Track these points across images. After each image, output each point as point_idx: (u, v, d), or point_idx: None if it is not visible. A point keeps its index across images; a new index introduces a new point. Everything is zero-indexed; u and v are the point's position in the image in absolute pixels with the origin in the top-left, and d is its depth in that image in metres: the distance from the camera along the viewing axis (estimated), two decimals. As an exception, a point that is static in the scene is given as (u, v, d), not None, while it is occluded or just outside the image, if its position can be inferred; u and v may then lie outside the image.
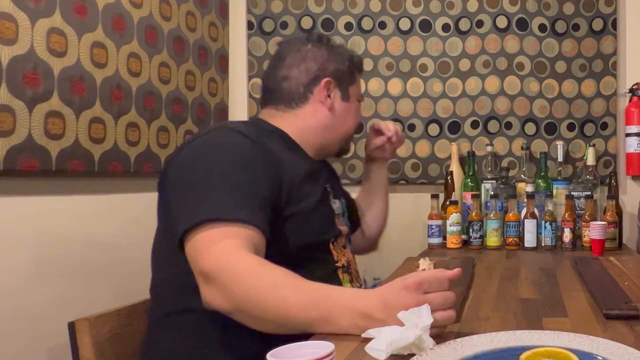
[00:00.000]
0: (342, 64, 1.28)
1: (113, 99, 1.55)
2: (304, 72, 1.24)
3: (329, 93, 1.25)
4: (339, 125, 1.28)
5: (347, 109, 1.29)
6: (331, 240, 1.20)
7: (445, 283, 0.81)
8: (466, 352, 0.71)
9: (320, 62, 1.25)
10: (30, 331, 1.32)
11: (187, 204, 0.98)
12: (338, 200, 1.30)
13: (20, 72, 1.26)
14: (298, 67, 1.24)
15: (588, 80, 2.17)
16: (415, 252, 1.97)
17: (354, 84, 1.32)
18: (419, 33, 2.20)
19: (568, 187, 1.98)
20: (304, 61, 1.24)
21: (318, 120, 1.25)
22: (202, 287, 0.92)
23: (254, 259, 0.91)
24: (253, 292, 0.86)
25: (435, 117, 2.20)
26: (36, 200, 1.36)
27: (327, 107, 1.25)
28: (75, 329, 1.02)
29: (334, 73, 1.26)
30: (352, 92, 1.30)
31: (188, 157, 1.05)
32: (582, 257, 1.55)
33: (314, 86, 1.24)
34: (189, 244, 0.94)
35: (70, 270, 1.44)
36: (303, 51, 1.25)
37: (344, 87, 1.28)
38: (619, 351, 0.70)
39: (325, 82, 1.24)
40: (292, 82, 1.23)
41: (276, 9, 2.22)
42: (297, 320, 0.84)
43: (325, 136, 1.26)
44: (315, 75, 1.24)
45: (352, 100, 1.31)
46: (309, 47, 1.26)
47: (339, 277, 1.20)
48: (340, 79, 1.27)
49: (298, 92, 1.23)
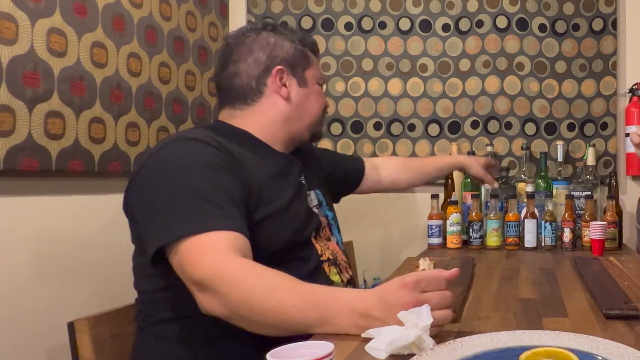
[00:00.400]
0: (292, 49, 1.20)
1: (113, 99, 1.55)
2: (253, 65, 1.17)
3: (284, 82, 1.19)
4: (302, 113, 1.22)
5: (306, 94, 1.22)
6: (313, 235, 1.18)
7: (443, 282, 0.81)
8: (466, 352, 0.71)
9: (268, 50, 1.18)
10: (30, 331, 1.32)
11: (160, 224, 0.95)
12: (313, 191, 1.26)
13: (20, 72, 1.26)
14: (246, 61, 1.17)
15: (588, 80, 2.17)
16: (415, 252, 1.97)
17: (310, 67, 1.24)
18: (419, 33, 2.20)
19: (568, 187, 1.98)
20: (251, 53, 1.18)
21: (278, 113, 1.19)
22: (197, 295, 0.91)
23: (246, 263, 0.90)
24: (249, 298, 0.86)
25: (435, 117, 2.20)
26: (36, 200, 1.36)
27: (283, 97, 1.19)
28: (75, 329, 1.02)
29: (284, 60, 1.19)
30: (309, 76, 1.23)
31: (150, 177, 1.01)
32: (582, 257, 1.55)
33: (266, 77, 1.18)
34: (174, 257, 0.93)
35: (70, 270, 1.44)
36: (248, 43, 1.18)
37: (298, 73, 1.21)
38: (619, 351, 0.70)
39: (277, 71, 1.18)
40: (243, 77, 1.17)
41: (276, 9, 2.22)
42: (296, 323, 0.84)
43: (289, 128, 1.21)
44: (266, 66, 1.17)
45: (311, 85, 1.24)
46: (254, 37, 1.19)
47: (326, 271, 1.16)
48: (293, 64, 1.20)
49: (251, 86, 1.17)
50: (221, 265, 0.88)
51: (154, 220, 0.97)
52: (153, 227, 0.97)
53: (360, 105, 2.21)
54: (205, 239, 0.91)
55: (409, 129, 2.21)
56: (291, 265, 1.04)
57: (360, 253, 2.07)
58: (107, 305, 1.14)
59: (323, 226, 1.23)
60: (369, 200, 2.20)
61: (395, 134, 2.21)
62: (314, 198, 1.25)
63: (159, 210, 0.96)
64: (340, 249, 1.28)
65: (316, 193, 1.28)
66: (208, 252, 0.90)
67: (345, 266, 1.25)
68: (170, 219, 0.94)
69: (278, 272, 0.89)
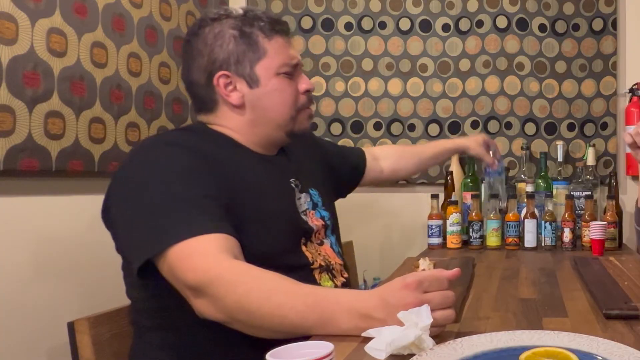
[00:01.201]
0: (233, 43, 1.06)
1: (113, 99, 1.55)
2: (197, 73, 1.08)
3: (233, 86, 1.07)
4: (263, 116, 1.10)
5: (261, 95, 1.08)
6: (302, 242, 1.12)
7: (444, 282, 0.81)
8: (466, 352, 0.71)
9: (207, 53, 1.06)
10: (30, 331, 1.32)
11: (144, 235, 0.92)
12: (306, 192, 1.19)
13: (20, 72, 1.26)
14: (192, 69, 1.09)
15: (588, 80, 2.17)
16: (415, 252, 1.97)
17: (262, 58, 1.07)
18: (419, 33, 2.20)
19: (568, 187, 1.98)
20: (195, 58, 1.07)
21: (240, 120, 1.09)
22: (193, 301, 0.89)
23: (240, 265, 0.88)
24: (246, 302, 0.84)
25: (435, 117, 2.20)
26: (36, 200, 1.36)
27: (236, 105, 1.07)
28: (75, 329, 1.02)
29: (226, 61, 1.06)
30: (261, 71, 1.07)
31: (126, 188, 0.97)
32: (582, 257, 1.55)
33: (212, 85, 1.07)
34: (164, 266, 0.90)
35: (69, 270, 1.44)
36: (188, 48, 1.09)
37: (246, 71, 1.07)
38: (619, 351, 0.70)
39: (219, 78, 1.06)
40: (195, 87, 1.09)
41: (276, 9, 2.22)
42: (295, 326, 0.83)
43: (256, 132, 1.11)
44: (208, 73, 1.06)
45: (266, 81, 1.08)
46: (195, 38, 1.08)
47: (316, 279, 1.11)
48: (237, 62, 1.06)
49: (203, 97, 1.09)
50: (215, 269, 0.86)
51: (137, 232, 0.93)
52: (137, 239, 0.93)
53: (360, 105, 2.21)
54: (194, 244, 0.88)
55: (409, 129, 2.21)
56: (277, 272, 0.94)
57: (360, 253, 2.07)
58: (107, 305, 1.14)
59: (316, 231, 1.17)
60: (369, 200, 2.20)
61: (395, 134, 2.21)
62: (304, 202, 1.18)
63: (141, 222, 0.93)
64: (334, 251, 1.22)
65: (311, 194, 1.21)
66: (199, 256, 0.87)
67: (340, 269, 1.21)
68: (154, 229, 0.91)
69: (274, 274, 0.88)
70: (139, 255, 0.92)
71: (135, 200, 0.95)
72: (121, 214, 0.97)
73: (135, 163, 0.99)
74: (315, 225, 1.17)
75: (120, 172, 1.00)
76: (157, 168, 0.96)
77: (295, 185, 1.17)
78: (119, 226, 0.98)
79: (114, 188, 1.00)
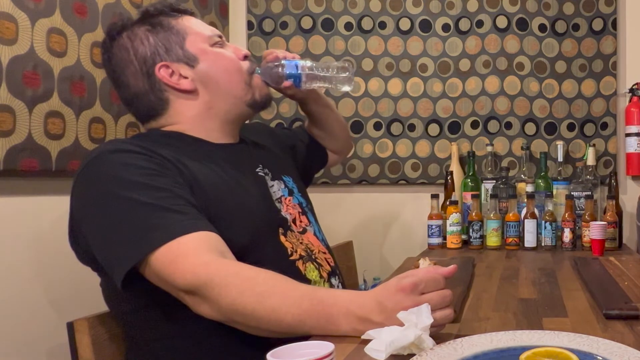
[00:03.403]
0: (151, 36, 1.05)
1: (113, 99, 1.55)
2: (135, 80, 1.05)
3: (178, 73, 1.05)
4: (216, 90, 1.07)
5: (205, 69, 1.06)
6: (280, 232, 1.07)
7: (441, 282, 0.80)
8: (466, 352, 0.71)
9: (133, 57, 1.04)
10: (30, 331, 1.32)
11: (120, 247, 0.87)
12: (278, 180, 1.15)
13: (20, 72, 1.26)
14: (128, 83, 1.06)
15: (588, 80, 2.17)
16: (415, 252, 1.98)
17: (187, 37, 1.06)
18: (419, 33, 2.20)
19: (568, 187, 1.98)
20: (124, 70, 1.05)
21: (196, 106, 1.06)
22: (187, 300, 0.87)
23: (229, 267, 0.86)
24: (240, 305, 0.83)
25: (435, 117, 2.20)
26: (36, 200, 1.36)
27: (188, 89, 1.05)
28: (74, 329, 1.01)
29: (156, 53, 1.04)
30: (192, 48, 1.06)
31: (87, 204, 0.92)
32: (582, 257, 1.55)
33: (156, 83, 1.05)
34: (150, 273, 0.88)
35: (69, 270, 1.44)
36: (115, 59, 1.06)
37: (179, 54, 1.05)
38: (619, 351, 0.70)
39: (160, 69, 1.04)
40: (140, 97, 1.06)
41: (276, 9, 2.22)
42: (292, 328, 0.82)
43: (217, 113, 1.08)
44: (146, 73, 1.04)
45: (202, 54, 1.06)
46: (115, 52, 1.06)
47: (300, 270, 1.06)
48: (167, 51, 1.04)
49: (151, 102, 1.06)
50: (204, 272, 0.84)
51: (112, 246, 0.89)
52: (114, 252, 0.89)
53: (360, 105, 2.21)
54: (175, 246, 0.85)
55: (409, 129, 2.21)
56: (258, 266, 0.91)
57: (360, 253, 2.07)
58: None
59: (293, 218, 1.12)
60: (369, 200, 2.20)
61: (395, 134, 2.21)
62: (278, 189, 1.14)
63: (115, 235, 0.88)
64: (318, 239, 1.17)
65: (284, 180, 1.17)
66: (184, 258, 0.85)
67: (325, 257, 1.15)
68: (129, 239, 0.87)
69: (267, 273, 0.86)
70: (119, 266, 0.87)
71: (103, 214, 0.90)
72: (92, 230, 0.92)
73: (90, 175, 0.93)
74: (289, 214, 1.12)
75: (76, 187, 0.95)
76: (115, 177, 0.91)
77: (264, 173, 1.13)
78: (91, 243, 0.92)
79: (74, 205, 0.95)
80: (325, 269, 1.13)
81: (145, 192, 0.90)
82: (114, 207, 0.89)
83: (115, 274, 0.88)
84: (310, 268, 1.08)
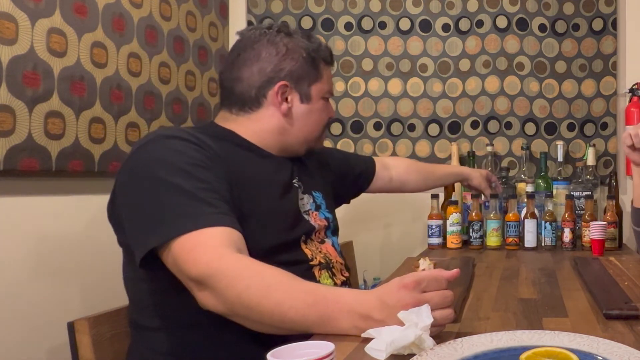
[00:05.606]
0: (301, 62, 1.14)
1: (113, 99, 1.55)
2: (257, 74, 1.13)
3: (285, 97, 1.14)
4: (299, 129, 1.18)
5: (307, 111, 1.17)
6: (302, 239, 1.14)
7: (443, 282, 0.81)
8: (466, 352, 0.71)
9: (275, 61, 1.13)
10: (30, 331, 1.32)
11: (149, 226, 0.93)
12: (308, 194, 1.22)
13: (20, 72, 1.26)
14: (251, 68, 1.13)
15: (588, 80, 2.17)
16: (415, 252, 1.98)
17: (318, 81, 1.18)
18: (419, 33, 2.20)
19: (568, 187, 1.98)
20: (258, 61, 1.13)
21: (275, 124, 1.15)
22: (196, 293, 0.90)
23: (242, 260, 0.89)
24: (245, 297, 0.85)
25: (435, 117, 2.20)
26: (36, 200, 1.36)
27: (282, 113, 1.14)
28: (75, 329, 1.02)
29: (290, 74, 1.14)
30: (314, 92, 1.18)
31: (132, 181, 0.98)
32: (582, 257, 1.55)
33: (268, 89, 1.13)
34: (168, 257, 0.92)
35: (70, 270, 1.44)
36: (257, 49, 1.13)
37: (304, 88, 1.16)
38: (619, 351, 0.70)
39: (280, 87, 1.13)
40: (245, 84, 1.13)
41: (276, 9, 2.22)
42: (295, 323, 0.83)
43: (282, 139, 1.17)
44: (269, 78, 1.13)
45: (315, 100, 1.18)
46: (264, 43, 1.13)
47: (315, 276, 1.12)
48: (298, 79, 1.15)
49: (250, 96, 1.13)
50: (216, 263, 0.87)
51: (142, 223, 0.95)
52: (142, 230, 0.94)
53: (360, 105, 2.21)
54: (198, 237, 0.90)
55: (409, 129, 2.21)
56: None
57: (360, 253, 2.07)
58: (107, 305, 1.14)
59: (317, 230, 1.19)
60: (369, 201, 2.20)
61: (395, 134, 2.21)
62: (307, 202, 1.21)
63: (146, 213, 0.94)
64: (336, 250, 1.24)
65: (314, 196, 1.24)
66: (202, 249, 0.88)
67: (341, 268, 1.22)
68: (159, 220, 0.92)
69: (276, 269, 0.88)
70: (143, 244, 0.92)
71: (141, 192, 0.96)
72: (127, 205, 0.98)
73: (141, 155, 1.00)
74: (317, 224, 1.19)
75: (126, 164, 1.01)
76: (164, 160, 0.97)
77: (298, 185, 1.20)
78: (125, 217, 0.99)
79: (120, 180, 1.01)
80: (339, 279, 1.18)
81: (186, 181, 0.95)
82: (154, 187, 0.95)
83: (138, 250, 0.93)
84: (324, 276, 1.14)
